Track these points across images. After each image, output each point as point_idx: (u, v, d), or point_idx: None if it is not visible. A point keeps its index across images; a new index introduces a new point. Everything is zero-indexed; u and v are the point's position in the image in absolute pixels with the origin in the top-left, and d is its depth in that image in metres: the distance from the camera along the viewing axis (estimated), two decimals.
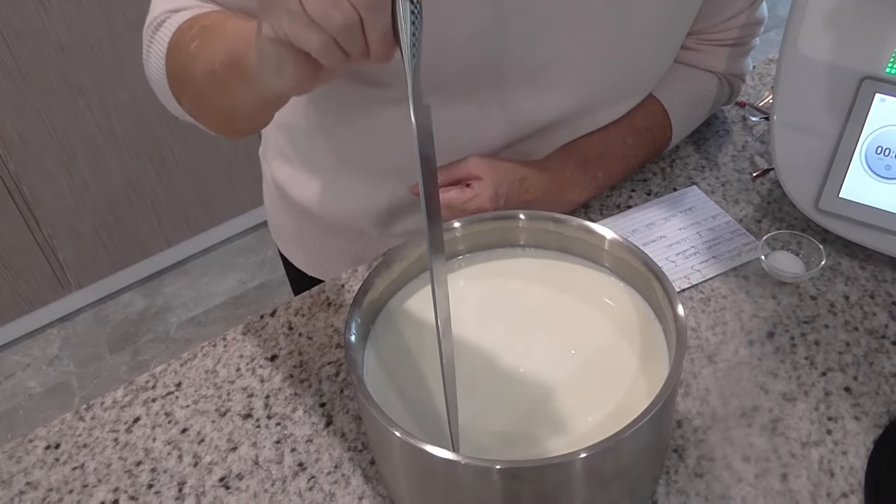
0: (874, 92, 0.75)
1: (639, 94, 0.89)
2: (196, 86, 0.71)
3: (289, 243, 1.06)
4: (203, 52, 0.68)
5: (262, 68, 0.56)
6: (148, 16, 0.78)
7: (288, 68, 0.53)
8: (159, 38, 0.75)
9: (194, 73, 0.70)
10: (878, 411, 0.68)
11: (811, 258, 0.80)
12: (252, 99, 0.64)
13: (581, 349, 0.64)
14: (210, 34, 0.69)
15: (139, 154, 2.05)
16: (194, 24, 0.72)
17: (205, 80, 0.68)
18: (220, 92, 0.68)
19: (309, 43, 0.50)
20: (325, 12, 0.48)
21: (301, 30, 0.49)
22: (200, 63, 0.68)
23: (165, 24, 0.75)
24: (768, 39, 0.96)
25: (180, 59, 0.72)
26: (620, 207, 0.90)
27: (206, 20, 0.72)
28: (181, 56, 0.71)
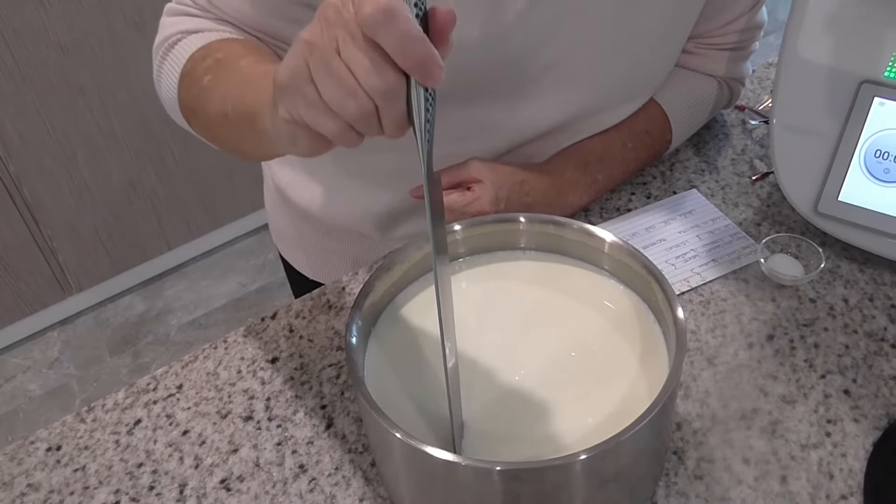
0: (873, 95, 0.75)
1: (641, 97, 0.89)
2: (207, 120, 0.71)
3: (290, 246, 1.06)
4: (215, 89, 0.68)
5: (277, 138, 0.57)
6: (159, 33, 0.78)
7: (302, 143, 0.54)
8: (172, 59, 0.75)
9: (206, 109, 0.70)
10: (877, 414, 0.68)
11: (810, 261, 0.80)
12: (263, 148, 0.64)
13: (581, 351, 0.64)
14: (223, 70, 0.68)
15: (139, 155, 2.06)
16: (208, 55, 0.71)
17: (216, 119, 0.68)
18: (231, 134, 0.68)
19: (325, 128, 0.51)
20: (341, 101, 0.48)
21: (318, 116, 0.50)
22: (212, 101, 0.68)
23: (178, 47, 0.75)
24: (768, 43, 0.97)
25: (192, 91, 0.72)
26: (620, 210, 0.90)
27: (220, 52, 0.71)
28: (193, 88, 0.71)
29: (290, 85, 0.50)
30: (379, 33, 0.45)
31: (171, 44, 0.75)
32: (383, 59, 0.46)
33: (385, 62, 0.47)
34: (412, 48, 0.46)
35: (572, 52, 0.79)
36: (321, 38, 0.48)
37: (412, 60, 0.46)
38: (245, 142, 0.66)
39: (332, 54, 0.47)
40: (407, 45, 0.45)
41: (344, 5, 0.47)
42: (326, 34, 0.48)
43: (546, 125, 0.85)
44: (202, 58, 0.71)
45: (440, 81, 0.47)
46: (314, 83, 0.49)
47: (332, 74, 0.48)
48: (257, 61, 0.67)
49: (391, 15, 0.45)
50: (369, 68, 0.47)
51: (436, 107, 0.50)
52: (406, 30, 0.45)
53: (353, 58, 0.47)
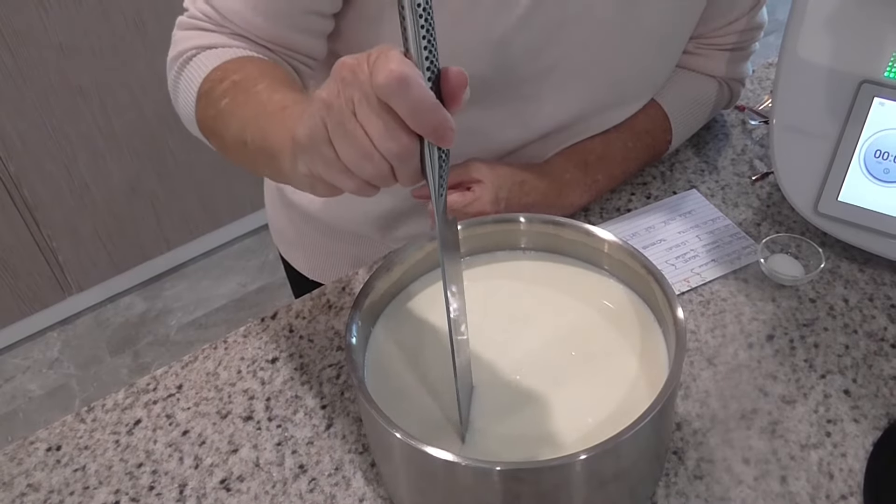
0: (873, 96, 0.75)
1: (643, 97, 0.90)
2: (224, 143, 0.71)
3: (290, 246, 1.06)
4: (233, 113, 0.68)
5: (295, 182, 0.59)
6: (172, 47, 0.77)
7: (321, 191, 0.56)
8: (188, 75, 0.75)
9: (223, 133, 0.70)
10: (877, 413, 0.68)
11: (810, 261, 0.80)
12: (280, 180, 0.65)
13: (581, 351, 0.64)
14: (241, 94, 0.69)
15: (139, 156, 2.05)
16: (225, 77, 0.71)
17: (234, 145, 0.69)
18: (248, 161, 0.68)
19: (343, 185, 0.53)
20: (358, 163, 0.50)
21: (335, 175, 0.52)
22: (230, 125, 0.69)
23: (193, 62, 0.75)
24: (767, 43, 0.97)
25: (210, 112, 0.72)
26: (620, 211, 0.90)
27: (237, 73, 0.71)
28: (210, 109, 0.72)
29: (309, 144, 0.52)
30: (393, 101, 0.47)
31: (187, 59, 0.75)
32: (397, 123, 0.48)
33: (399, 126, 0.48)
34: (425, 116, 0.47)
35: (574, 55, 0.79)
36: (338, 98, 0.49)
37: (426, 127, 0.48)
38: (262, 170, 0.67)
39: (348, 116, 0.49)
40: (420, 113, 0.47)
41: (359, 65, 0.48)
42: (343, 94, 0.48)
43: (547, 127, 0.85)
44: (219, 80, 0.71)
45: (452, 144, 0.49)
46: (332, 144, 0.50)
47: (348, 137, 0.49)
48: (273, 87, 0.68)
49: (405, 84, 0.46)
50: (384, 132, 0.48)
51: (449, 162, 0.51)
52: (419, 98, 0.46)
53: (368, 120, 0.48)
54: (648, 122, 0.91)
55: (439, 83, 0.49)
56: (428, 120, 0.47)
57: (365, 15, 0.76)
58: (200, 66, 0.74)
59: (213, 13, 0.75)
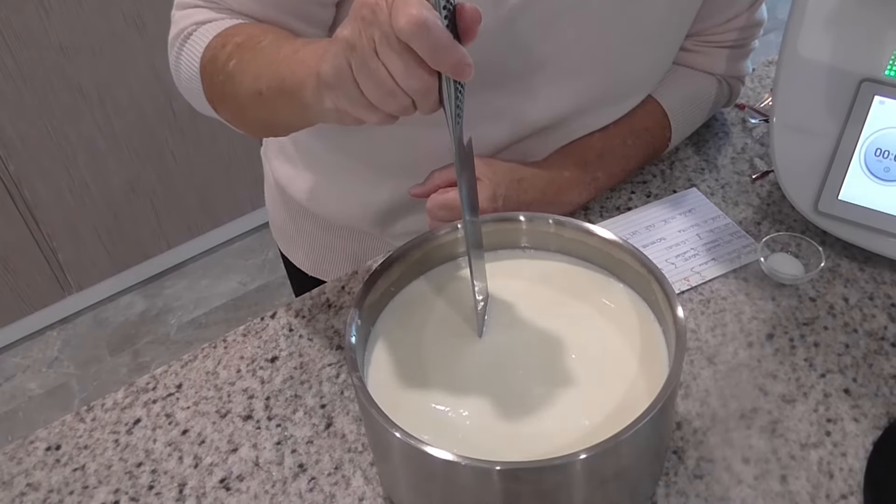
0: (873, 94, 0.75)
1: (638, 95, 0.89)
2: (238, 102, 0.73)
3: (289, 243, 1.06)
4: (243, 71, 0.70)
5: (322, 116, 0.63)
6: (172, 27, 0.79)
7: (348, 121, 0.60)
8: (189, 50, 0.76)
9: (235, 92, 0.72)
10: (877, 413, 0.68)
11: (810, 260, 0.80)
12: (303, 118, 0.68)
13: (581, 351, 0.64)
14: (247, 52, 0.71)
15: (139, 155, 2.05)
16: (227, 41, 0.73)
17: (249, 99, 0.70)
18: (266, 110, 0.70)
19: (367, 119, 0.57)
20: (382, 100, 0.54)
21: (361, 110, 0.56)
22: (242, 83, 0.70)
23: (193, 37, 0.76)
24: (768, 41, 0.96)
25: (218, 78, 0.73)
26: (620, 209, 0.90)
27: (239, 36, 0.73)
28: (219, 75, 0.73)
29: (336, 82, 0.56)
30: (413, 43, 0.50)
31: (187, 35, 0.77)
32: (417, 61, 0.51)
33: (419, 65, 0.51)
34: (444, 55, 0.50)
35: (570, 48, 0.79)
36: (360, 38, 0.52)
37: (445, 65, 0.51)
38: (281, 115, 0.69)
39: (371, 55, 0.52)
40: (440, 53, 0.50)
41: (378, 5, 0.51)
42: (364, 34, 0.52)
43: (543, 121, 0.84)
44: (221, 45, 0.73)
45: (471, 77, 0.52)
46: (356, 82, 0.54)
47: (371, 76, 0.53)
48: (278, 40, 0.70)
49: (424, 27, 0.49)
50: (405, 70, 0.51)
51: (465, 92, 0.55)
52: (437, 39, 0.50)
53: (389, 59, 0.51)
54: (648, 120, 0.91)
55: (454, 18, 0.52)
56: (447, 59, 0.51)
57: None
58: (200, 38, 0.76)
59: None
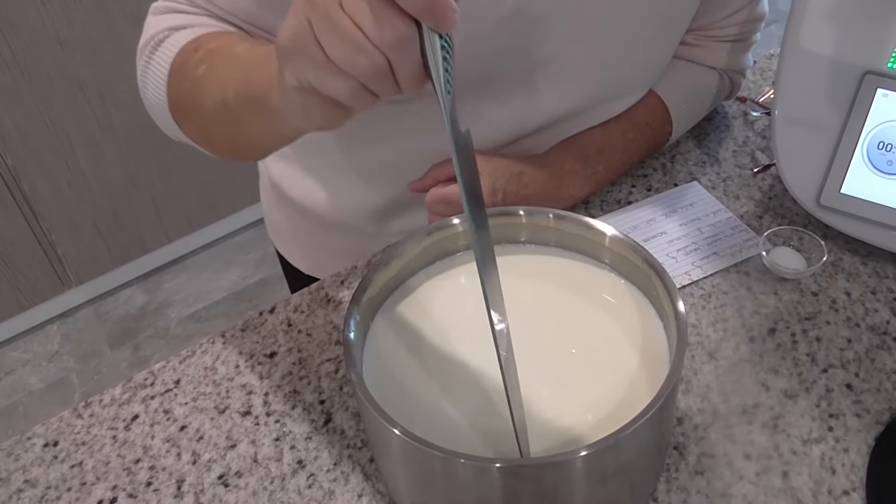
0: (876, 87, 0.74)
1: (637, 91, 0.89)
2: (203, 115, 0.67)
3: (285, 241, 1.05)
4: (212, 78, 0.64)
5: (288, 112, 0.53)
6: (143, 34, 0.73)
7: (317, 112, 0.51)
8: (158, 58, 0.70)
9: (202, 102, 0.65)
10: (879, 408, 0.68)
11: (812, 254, 0.79)
12: (271, 134, 0.61)
13: (581, 346, 0.64)
14: (219, 59, 0.64)
15: (139, 149, 2.05)
16: (200, 47, 0.67)
17: (215, 110, 0.64)
18: (232, 124, 0.63)
19: (336, 91, 0.47)
20: (350, 59, 0.45)
21: (326, 78, 0.46)
22: (209, 91, 0.64)
23: (165, 44, 0.70)
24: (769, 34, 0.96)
25: (185, 85, 0.67)
26: (621, 203, 0.89)
27: (213, 42, 0.67)
28: (185, 82, 0.67)
29: (294, 47, 0.47)
30: None
31: (158, 42, 0.71)
32: (390, 6, 0.43)
33: (392, 10, 0.43)
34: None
35: (569, 47, 0.78)
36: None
37: (421, 5, 0.43)
38: (248, 129, 0.62)
39: (334, 7, 0.44)
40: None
41: None
42: None
43: (543, 120, 0.84)
44: (193, 50, 0.67)
45: (454, 26, 0.44)
46: (318, 42, 0.45)
47: (336, 30, 0.44)
48: (254, 46, 0.64)
49: None
50: (374, 19, 0.43)
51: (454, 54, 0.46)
52: None
53: (356, 9, 0.43)
54: (648, 114, 0.90)
55: None
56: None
57: None
58: (172, 46, 0.69)
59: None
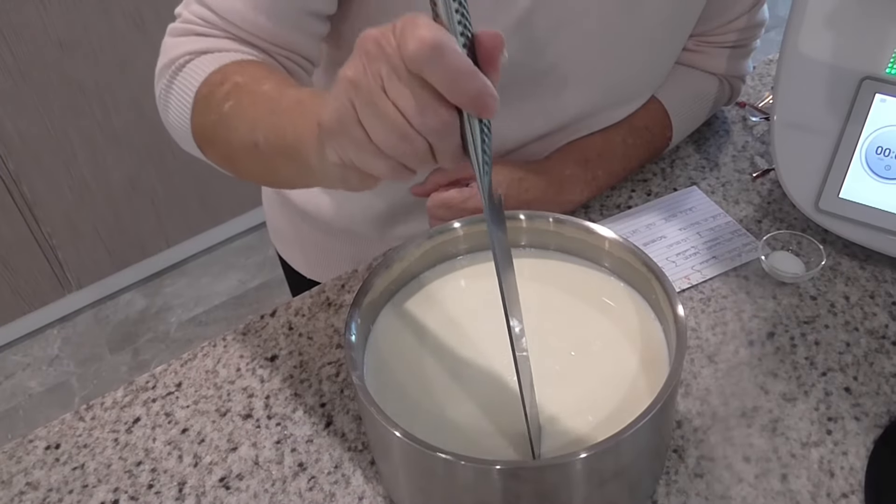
0: (874, 92, 0.75)
1: (639, 98, 0.89)
2: (230, 149, 0.67)
3: (287, 245, 1.06)
4: (239, 116, 0.64)
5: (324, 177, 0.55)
6: (162, 55, 0.73)
7: (354, 181, 0.52)
8: (181, 83, 0.71)
9: (228, 137, 0.66)
10: (878, 411, 0.68)
11: (811, 258, 0.80)
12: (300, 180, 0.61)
13: (581, 349, 0.64)
14: (246, 96, 0.64)
15: (139, 152, 2.05)
16: (226, 79, 0.67)
17: (243, 149, 0.64)
18: (261, 164, 0.64)
19: (377, 170, 0.48)
20: (393, 144, 0.46)
21: (369, 159, 0.47)
22: (237, 129, 0.64)
23: (187, 69, 0.70)
24: (768, 39, 0.96)
25: (210, 118, 0.67)
26: (620, 208, 0.89)
27: (240, 75, 0.67)
28: (211, 114, 0.67)
29: (338, 128, 0.48)
30: (426, 71, 0.43)
31: (179, 66, 0.71)
32: (433, 95, 0.44)
33: (435, 99, 0.44)
34: (464, 84, 0.43)
35: (573, 56, 0.79)
36: (364, 75, 0.45)
37: (465, 96, 0.43)
38: (279, 173, 0.63)
39: (378, 93, 0.44)
40: (458, 82, 0.43)
41: (384, 37, 0.44)
42: (370, 70, 0.44)
43: (546, 128, 0.84)
44: (219, 82, 0.67)
45: (496, 112, 0.44)
46: (362, 125, 0.46)
47: (380, 116, 0.45)
48: (281, 85, 0.64)
49: (438, 51, 0.42)
50: (418, 106, 0.44)
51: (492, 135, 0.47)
52: (454, 64, 0.42)
53: (400, 96, 0.44)
54: (648, 119, 0.90)
55: (474, 49, 0.44)
56: (466, 88, 0.43)
57: (362, 16, 0.76)
58: (195, 71, 0.70)
59: (211, 15, 0.72)
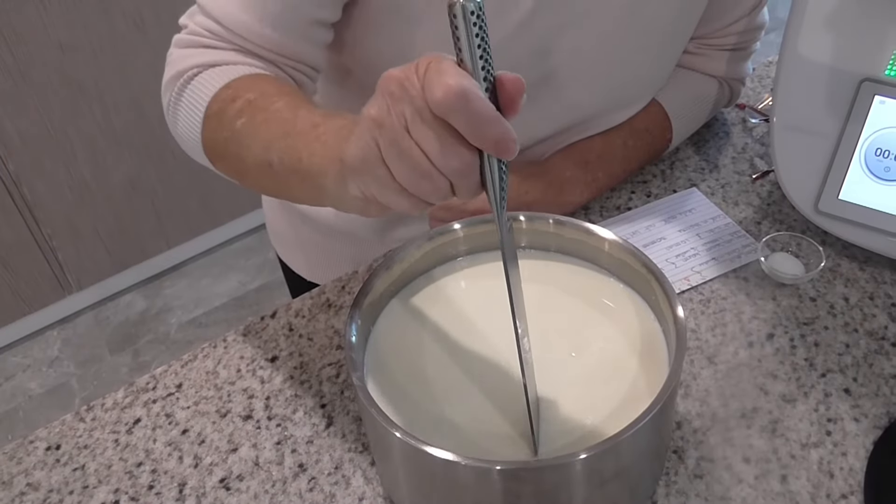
0: (873, 94, 0.75)
1: (639, 102, 0.90)
2: (243, 165, 0.67)
3: (287, 248, 1.06)
4: (252, 135, 0.65)
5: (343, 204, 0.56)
6: (169, 67, 0.73)
7: (373, 212, 0.54)
8: (190, 95, 0.71)
9: (241, 154, 0.66)
10: (877, 412, 0.68)
11: (811, 260, 0.80)
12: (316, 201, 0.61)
13: (581, 351, 0.64)
14: (259, 113, 0.65)
15: (139, 154, 2.05)
16: (237, 96, 0.67)
17: (257, 167, 0.65)
18: (274, 183, 0.65)
19: (398, 206, 0.50)
20: (416, 183, 0.47)
21: (391, 196, 0.49)
22: (250, 147, 0.65)
23: (196, 82, 0.71)
24: (768, 41, 0.96)
25: (222, 134, 0.68)
26: (620, 209, 0.90)
27: (251, 92, 0.67)
28: (223, 131, 0.68)
29: (361, 167, 0.49)
30: (452, 117, 0.44)
31: (188, 79, 0.71)
32: (456, 138, 0.45)
33: (458, 142, 0.45)
34: (487, 130, 0.45)
35: (574, 60, 0.79)
36: (388, 115, 0.46)
37: (488, 141, 0.45)
38: (291, 191, 0.63)
39: (402, 134, 0.46)
40: (482, 128, 0.44)
41: (408, 78, 0.45)
42: (394, 111, 0.46)
43: (547, 131, 0.85)
44: (231, 98, 0.67)
45: (515, 154, 0.46)
46: (386, 165, 0.47)
47: (403, 157, 0.46)
48: (293, 104, 0.64)
49: (464, 99, 0.43)
50: (442, 149, 0.45)
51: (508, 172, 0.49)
52: (480, 112, 0.44)
53: (423, 137, 0.45)
54: (648, 121, 0.91)
55: (495, 90, 0.47)
56: (490, 134, 0.45)
57: (362, 22, 0.76)
58: (205, 85, 0.70)
59: (217, 27, 0.72)
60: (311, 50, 0.75)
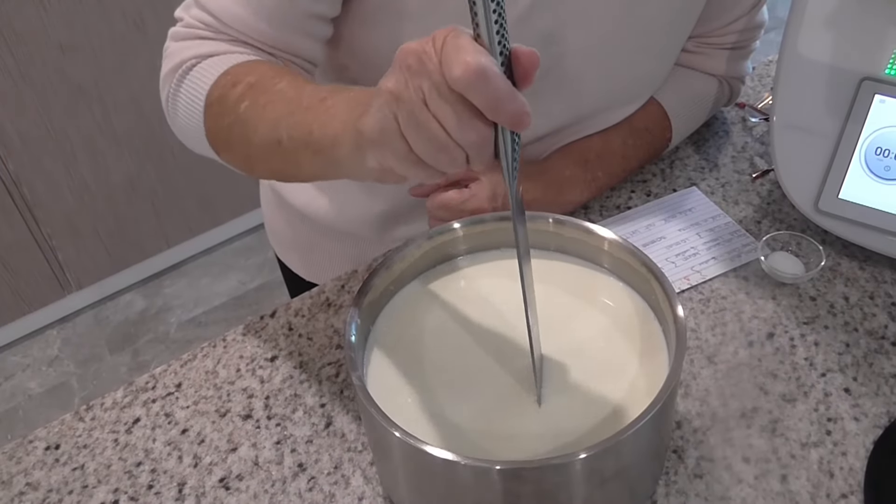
0: (873, 93, 0.75)
1: (638, 101, 0.89)
2: (249, 148, 0.67)
3: (286, 248, 1.06)
4: (258, 116, 0.65)
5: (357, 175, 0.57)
6: (167, 61, 0.73)
7: (389, 181, 0.55)
8: (189, 86, 0.71)
9: (248, 137, 0.66)
10: (877, 412, 0.68)
11: (811, 259, 0.80)
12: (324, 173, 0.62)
13: (581, 350, 0.64)
14: (262, 95, 0.65)
15: (139, 154, 2.05)
16: (238, 81, 0.67)
17: (264, 148, 0.65)
18: (284, 161, 0.65)
19: (415, 176, 0.52)
20: (433, 155, 0.49)
21: (408, 167, 0.51)
22: (257, 128, 0.65)
23: (195, 72, 0.70)
24: (768, 40, 0.96)
25: (226, 120, 0.68)
26: (620, 208, 0.90)
27: (251, 75, 0.67)
28: (226, 117, 0.68)
29: (380, 140, 0.50)
30: (470, 93, 0.45)
31: (186, 70, 0.71)
32: (472, 112, 0.46)
33: (475, 116, 0.47)
34: (504, 105, 0.46)
35: (572, 58, 0.79)
36: (406, 89, 0.47)
37: (504, 115, 0.46)
38: (301, 168, 0.63)
39: (420, 107, 0.47)
40: (499, 103, 0.46)
41: (426, 52, 0.46)
42: (411, 84, 0.47)
43: (545, 129, 0.84)
44: (231, 84, 0.67)
45: (529, 125, 0.47)
46: (404, 137, 0.49)
47: (421, 129, 0.48)
48: (296, 82, 0.65)
49: (483, 76, 0.44)
50: (459, 123, 0.47)
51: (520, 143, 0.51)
52: (497, 88, 0.45)
53: (441, 111, 0.47)
54: (648, 120, 0.91)
55: (510, 64, 0.47)
56: (506, 109, 0.46)
57: (359, 17, 0.76)
58: (203, 74, 0.70)
59: (212, 20, 0.72)
60: (308, 44, 0.75)
